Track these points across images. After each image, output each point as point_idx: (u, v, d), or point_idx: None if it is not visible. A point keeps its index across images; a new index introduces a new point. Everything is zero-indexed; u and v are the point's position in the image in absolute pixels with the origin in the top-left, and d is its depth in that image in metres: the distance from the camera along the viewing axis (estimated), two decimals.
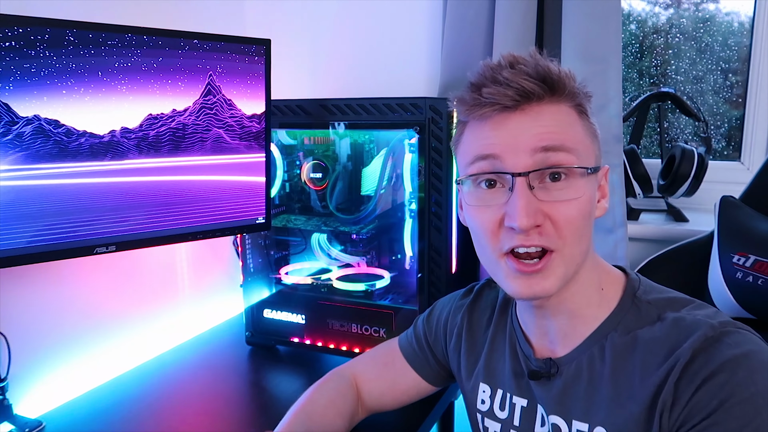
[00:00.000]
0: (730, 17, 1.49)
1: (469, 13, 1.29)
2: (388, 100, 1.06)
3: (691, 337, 0.59)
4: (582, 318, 0.67)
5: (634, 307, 0.66)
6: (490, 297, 0.83)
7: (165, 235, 0.99)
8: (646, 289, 0.68)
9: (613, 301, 0.67)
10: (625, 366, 0.63)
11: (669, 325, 0.62)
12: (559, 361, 0.69)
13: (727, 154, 1.52)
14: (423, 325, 0.89)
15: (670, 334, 0.61)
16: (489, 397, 0.77)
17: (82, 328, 1.11)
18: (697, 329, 0.59)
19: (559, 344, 0.70)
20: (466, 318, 0.82)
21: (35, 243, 0.85)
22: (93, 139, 0.89)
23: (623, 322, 0.65)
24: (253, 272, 1.24)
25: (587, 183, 0.63)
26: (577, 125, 0.64)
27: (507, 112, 0.62)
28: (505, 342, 0.77)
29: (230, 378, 1.14)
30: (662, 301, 0.65)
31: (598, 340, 0.66)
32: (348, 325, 1.15)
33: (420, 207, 1.07)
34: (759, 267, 1.00)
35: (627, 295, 0.67)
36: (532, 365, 0.71)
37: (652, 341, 0.62)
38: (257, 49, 1.05)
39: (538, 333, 0.72)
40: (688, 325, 0.61)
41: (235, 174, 1.06)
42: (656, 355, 0.61)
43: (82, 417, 1.00)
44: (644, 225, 1.34)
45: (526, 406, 0.73)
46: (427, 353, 0.87)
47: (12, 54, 0.78)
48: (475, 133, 0.66)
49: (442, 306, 0.88)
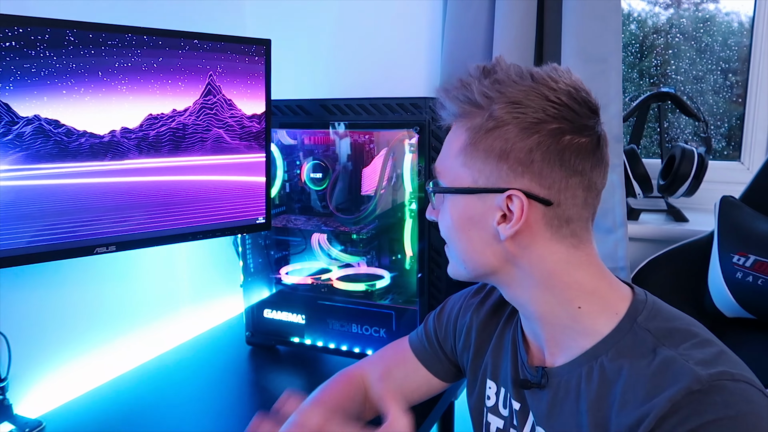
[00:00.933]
0: (730, 17, 1.49)
1: (469, 13, 1.29)
2: (388, 100, 1.06)
3: (674, 386, 0.55)
4: (559, 328, 0.66)
5: (631, 332, 0.62)
6: (500, 296, 0.83)
7: (165, 235, 0.99)
8: (651, 313, 0.64)
9: (611, 323, 0.64)
10: (607, 396, 0.61)
11: (658, 364, 0.58)
12: (550, 372, 0.68)
13: (727, 154, 1.52)
14: (434, 321, 0.89)
15: (655, 376, 0.58)
16: (495, 394, 0.78)
17: (82, 329, 1.11)
18: (682, 379, 0.55)
19: (548, 351, 0.70)
20: (475, 316, 0.83)
21: (35, 243, 0.85)
22: (93, 139, 0.89)
23: (617, 347, 0.62)
24: (253, 272, 1.24)
25: (449, 202, 0.69)
26: (454, 148, 0.67)
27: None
28: (509, 342, 0.77)
29: (230, 378, 1.14)
30: (662, 332, 0.61)
31: (589, 361, 0.64)
32: (348, 325, 1.15)
33: (420, 207, 1.07)
34: (759, 267, 1.00)
35: (627, 319, 0.64)
36: (527, 373, 0.71)
37: (636, 376, 0.59)
38: (257, 49, 1.05)
39: (531, 335, 0.73)
40: (676, 371, 0.56)
41: (235, 174, 1.06)
42: (635, 394, 0.58)
43: (82, 417, 1.00)
44: (644, 225, 1.34)
45: (518, 409, 0.73)
46: (437, 350, 0.87)
47: (12, 54, 0.78)
48: None
49: (453, 303, 0.89)
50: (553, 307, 0.66)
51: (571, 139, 0.62)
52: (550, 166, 0.62)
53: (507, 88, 0.63)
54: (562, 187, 0.63)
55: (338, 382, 0.86)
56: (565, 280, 0.65)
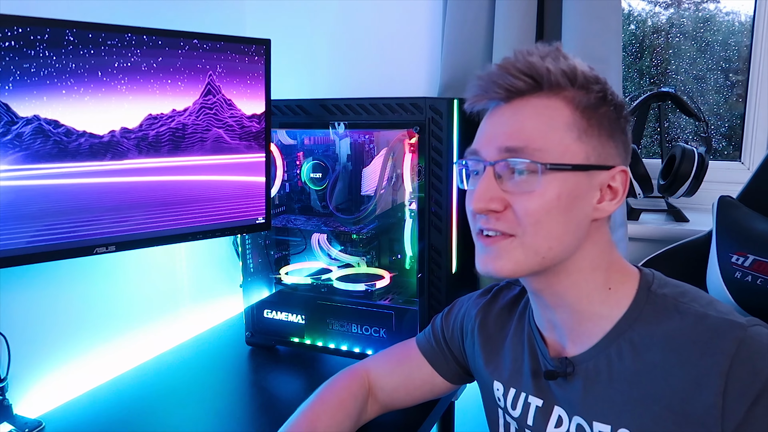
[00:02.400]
0: (730, 17, 1.49)
1: (469, 13, 1.29)
2: (388, 100, 1.06)
3: (720, 338, 0.59)
4: (586, 315, 0.67)
5: (650, 301, 0.65)
6: (507, 297, 0.83)
7: (165, 235, 0.99)
8: (660, 282, 0.67)
9: (628, 298, 0.66)
10: (646, 365, 0.62)
11: (692, 321, 0.61)
12: (574, 359, 0.68)
13: (728, 154, 1.52)
14: (441, 322, 0.89)
15: (695, 332, 0.60)
16: (502, 395, 0.78)
17: (82, 328, 1.11)
18: (726, 330, 0.59)
19: (569, 341, 0.70)
20: (480, 317, 0.83)
21: (35, 243, 0.85)
22: (93, 139, 0.89)
23: (641, 318, 0.65)
24: (253, 272, 1.24)
25: (554, 179, 0.63)
26: (559, 122, 0.64)
27: (499, 105, 0.67)
28: (523, 342, 0.77)
29: (230, 378, 1.14)
30: (677, 294, 0.65)
31: (615, 339, 0.65)
32: (348, 325, 1.15)
33: (420, 207, 1.07)
34: (758, 266, 1.00)
35: (642, 290, 0.67)
36: (549, 365, 0.71)
37: (672, 337, 0.61)
38: (257, 49, 1.05)
39: (548, 326, 0.73)
40: (712, 323, 0.60)
41: (235, 174, 1.06)
42: (680, 354, 0.60)
43: (82, 417, 1.00)
44: (644, 225, 1.34)
45: (541, 406, 0.72)
46: (444, 349, 0.87)
47: (12, 54, 0.78)
48: (480, 127, 0.70)
49: (461, 304, 0.89)
50: (590, 292, 0.67)
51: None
52: (627, 145, 0.69)
53: (588, 68, 0.67)
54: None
55: (342, 380, 0.86)
56: (608, 260, 0.68)
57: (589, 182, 0.65)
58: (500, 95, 0.65)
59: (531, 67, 0.64)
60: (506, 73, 0.64)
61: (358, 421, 0.83)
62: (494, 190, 0.64)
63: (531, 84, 0.64)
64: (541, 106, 0.64)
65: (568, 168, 0.63)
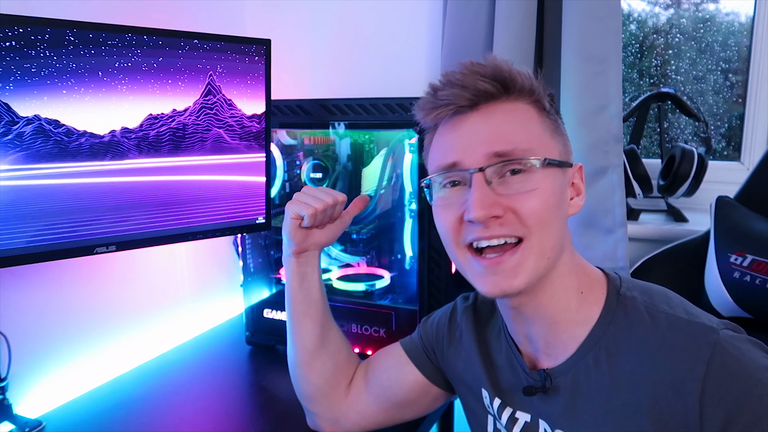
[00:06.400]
0: (730, 17, 1.49)
1: (469, 13, 1.29)
2: (388, 100, 1.06)
3: (694, 344, 0.58)
4: (563, 325, 0.66)
5: (620, 305, 0.64)
6: (487, 305, 0.81)
7: (165, 235, 0.99)
8: (627, 284, 0.67)
9: (599, 303, 0.65)
10: (623, 373, 0.61)
11: (664, 326, 0.60)
12: (552, 372, 0.67)
13: (727, 154, 1.52)
14: (421, 328, 0.88)
15: (669, 338, 0.59)
16: (489, 404, 0.76)
17: (82, 329, 1.11)
18: (699, 335, 0.58)
19: (543, 352, 0.69)
20: (463, 323, 0.81)
21: (35, 243, 0.85)
22: (93, 139, 0.89)
23: (613, 323, 0.64)
24: (253, 272, 1.24)
25: (548, 175, 0.63)
26: (534, 122, 0.65)
27: (463, 114, 0.65)
28: (501, 354, 0.75)
29: (230, 378, 1.14)
30: (646, 296, 0.64)
31: (591, 348, 0.64)
32: (348, 325, 1.15)
33: (420, 207, 1.07)
34: (757, 266, 1.00)
35: (611, 294, 0.66)
36: (528, 379, 0.70)
37: (646, 344, 0.61)
38: (257, 49, 1.05)
39: (524, 341, 0.71)
40: (686, 328, 0.60)
41: (235, 174, 1.06)
42: (655, 361, 0.59)
43: (82, 417, 1.00)
44: (644, 225, 1.34)
45: (529, 421, 0.71)
46: (426, 347, 0.85)
47: (12, 54, 0.78)
48: (438, 141, 0.68)
49: (437, 313, 0.88)
50: (569, 298, 0.66)
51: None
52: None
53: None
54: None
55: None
56: (576, 262, 0.68)
57: (565, 179, 0.66)
58: (469, 102, 0.64)
59: (498, 72, 0.64)
60: (476, 79, 0.63)
61: (349, 352, 0.90)
62: (492, 196, 0.61)
63: (500, 89, 0.64)
64: (511, 109, 0.64)
65: (555, 164, 0.64)
